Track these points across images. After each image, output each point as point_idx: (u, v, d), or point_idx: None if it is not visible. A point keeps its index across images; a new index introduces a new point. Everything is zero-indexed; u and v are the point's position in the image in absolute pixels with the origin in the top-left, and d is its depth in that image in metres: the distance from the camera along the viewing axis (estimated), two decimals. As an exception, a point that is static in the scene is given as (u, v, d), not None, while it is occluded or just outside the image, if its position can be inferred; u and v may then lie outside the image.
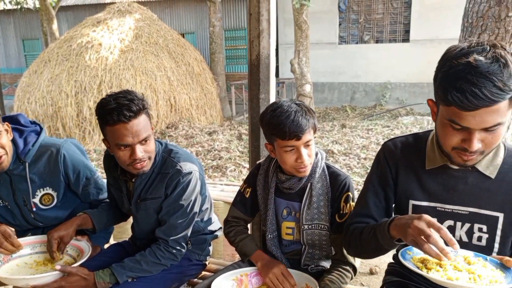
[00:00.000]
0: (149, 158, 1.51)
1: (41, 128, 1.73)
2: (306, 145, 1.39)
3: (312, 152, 1.43)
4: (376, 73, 11.03)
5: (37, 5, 12.45)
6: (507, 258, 1.03)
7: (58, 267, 1.44)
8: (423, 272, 1.00)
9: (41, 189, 1.71)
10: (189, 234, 1.63)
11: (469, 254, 1.09)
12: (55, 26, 11.48)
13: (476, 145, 0.99)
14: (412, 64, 10.34)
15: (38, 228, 1.80)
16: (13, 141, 1.64)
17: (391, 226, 1.07)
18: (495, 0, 2.25)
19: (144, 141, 1.45)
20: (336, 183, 1.50)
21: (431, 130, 1.22)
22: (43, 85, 8.09)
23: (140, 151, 1.44)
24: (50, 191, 1.72)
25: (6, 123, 1.60)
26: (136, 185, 1.58)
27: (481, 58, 0.93)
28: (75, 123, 7.78)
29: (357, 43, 11.54)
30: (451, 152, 1.05)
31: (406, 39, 10.81)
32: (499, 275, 1.01)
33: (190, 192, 1.55)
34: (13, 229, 1.66)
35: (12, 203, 1.72)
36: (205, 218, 1.77)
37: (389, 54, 10.84)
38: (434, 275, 0.98)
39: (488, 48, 0.96)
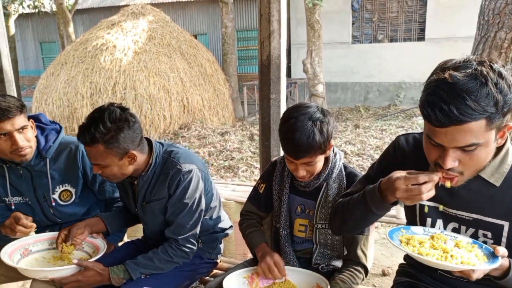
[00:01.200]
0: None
1: (61, 127, 1.81)
2: (305, 164, 1.40)
3: (314, 169, 1.43)
4: (390, 72, 10.91)
5: (54, 9, 12.74)
6: (498, 247, 1.02)
7: (75, 261, 1.49)
8: (401, 246, 1.05)
9: (60, 186, 1.77)
10: (198, 232, 1.65)
11: (468, 240, 1.09)
12: (71, 29, 11.73)
13: (450, 163, 0.96)
14: (427, 63, 10.05)
15: (56, 225, 1.85)
16: (35, 138, 1.71)
17: (382, 181, 1.08)
18: (511, -3, 2.21)
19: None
20: (353, 184, 1.51)
21: None
22: (59, 86, 8.27)
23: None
24: (68, 187, 1.79)
25: (31, 120, 1.68)
26: (139, 187, 1.61)
27: (458, 74, 0.90)
28: (90, 124, 7.92)
29: (370, 42, 11.43)
30: (434, 168, 1.03)
31: (421, 38, 10.66)
32: (476, 259, 1.01)
33: (193, 190, 1.57)
34: (21, 215, 1.67)
35: (33, 199, 1.77)
36: (214, 216, 1.78)
37: (404, 53, 10.70)
38: (407, 249, 1.04)
39: (474, 64, 0.92)
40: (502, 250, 1.01)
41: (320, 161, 1.42)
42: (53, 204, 1.78)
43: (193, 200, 1.58)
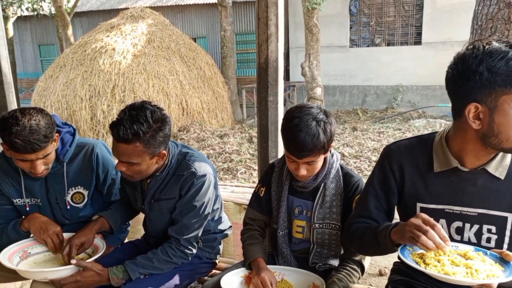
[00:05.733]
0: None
1: (74, 129, 1.77)
2: (307, 163, 1.42)
3: (314, 168, 1.45)
4: (387, 76, 10.97)
5: (53, 12, 12.76)
6: (507, 252, 1.04)
7: (74, 261, 1.51)
8: (421, 268, 1.02)
9: (73, 188, 1.75)
10: (200, 234, 1.67)
11: (469, 248, 1.10)
12: (70, 31, 11.75)
13: None
14: (424, 67, 10.26)
15: (63, 225, 1.83)
16: None
17: (393, 231, 1.10)
18: (504, 2, 2.25)
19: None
20: (349, 185, 1.53)
21: (436, 132, 1.22)
22: (58, 89, 8.28)
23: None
24: (81, 189, 1.76)
25: (57, 133, 1.62)
26: (151, 185, 1.62)
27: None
28: (89, 126, 7.93)
29: (368, 46, 11.50)
30: None
31: (418, 42, 10.73)
32: (496, 269, 1.02)
33: (203, 194, 1.59)
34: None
35: (44, 201, 1.74)
36: (216, 217, 1.81)
37: (401, 56, 10.77)
38: (431, 270, 1.00)
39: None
40: None
41: (320, 160, 1.45)
42: (68, 207, 1.75)
43: (201, 203, 1.59)
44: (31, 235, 1.71)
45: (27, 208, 1.74)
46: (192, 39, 10.15)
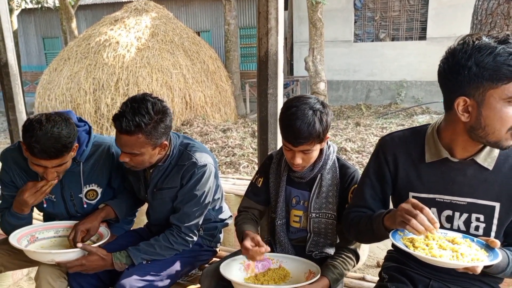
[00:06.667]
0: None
1: (90, 127, 1.77)
2: (303, 151, 1.45)
3: (310, 158, 1.48)
4: (391, 71, 10.95)
5: (57, 4, 12.79)
6: (492, 239, 1.09)
7: (80, 245, 1.57)
8: (410, 250, 1.06)
9: (87, 185, 1.77)
10: (201, 222, 1.72)
11: (457, 235, 1.14)
12: (74, 24, 11.79)
13: None
14: (428, 62, 10.21)
15: (74, 218, 1.84)
16: None
17: (385, 217, 1.14)
18: (504, -3, 2.27)
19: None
20: (345, 176, 1.57)
21: (429, 124, 1.26)
22: (62, 82, 8.35)
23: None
24: (95, 187, 1.79)
25: (76, 144, 1.61)
26: (153, 175, 1.67)
27: None
28: (93, 120, 8.00)
29: (372, 41, 11.46)
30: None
31: (422, 37, 10.69)
32: (481, 254, 1.06)
33: (204, 183, 1.64)
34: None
35: (58, 197, 1.77)
36: (217, 207, 1.86)
37: (405, 52, 10.74)
38: (419, 252, 1.05)
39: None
40: (497, 241, 1.08)
41: (316, 150, 1.48)
42: (85, 205, 1.78)
43: (202, 192, 1.64)
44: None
45: (44, 205, 1.78)
46: (195, 33, 10.16)
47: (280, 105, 2.06)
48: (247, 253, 1.41)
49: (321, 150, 1.54)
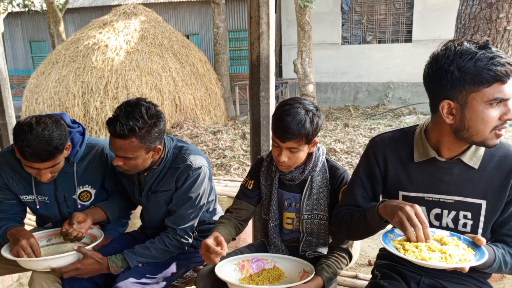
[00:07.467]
0: None
1: (84, 128, 1.77)
2: (290, 149, 1.48)
3: (296, 157, 1.50)
4: (378, 73, 11.11)
5: (44, 8, 12.66)
6: (478, 237, 1.13)
7: (75, 247, 1.57)
8: (401, 254, 1.10)
9: (81, 187, 1.77)
10: (196, 225, 1.74)
11: (445, 233, 1.19)
12: (62, 28, 11.69)
13: None
14: (414, 64, 10.39)
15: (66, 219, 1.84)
16: None
17: (380, 206, 1.17)
18: (486, 2, 2.35)
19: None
20: (335, 177, 1.60)
21: (417, 125, 1.31)
22: (50, 86, 8.25)
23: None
24: (88, 188, 1.78)
25: (69, 143, 1.62)
26: (148, 178, 1.68)
27: None
28: (82, 123, 7.91)
29: (360, 43, 11.62)
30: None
31: (408, 40, 10.87)
32: (468, 253, 1.11)
33: (198, 186, 1.66)
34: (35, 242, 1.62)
35: (52, 199, 1.76)
36: (211, 209, 1.88)
37: (392, 54, 10.91)
38: (409, 256, 1.08)
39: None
40: (483, 239, 1.12)
41: (303, 151, 1.50)
42: (79, 206, 1.77)
43: (197, 194, 1.66)
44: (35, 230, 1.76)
45: (37, 206, 1.77)
46: (185, 36, 10.16)
47: (272, 107, 2.10)
48: (205, 251, 1.40)
49: (311, 153, 1.57)
